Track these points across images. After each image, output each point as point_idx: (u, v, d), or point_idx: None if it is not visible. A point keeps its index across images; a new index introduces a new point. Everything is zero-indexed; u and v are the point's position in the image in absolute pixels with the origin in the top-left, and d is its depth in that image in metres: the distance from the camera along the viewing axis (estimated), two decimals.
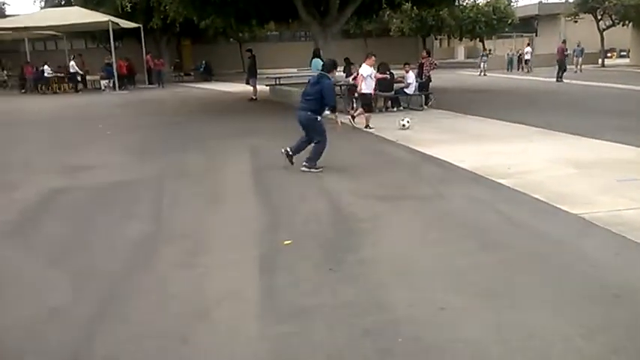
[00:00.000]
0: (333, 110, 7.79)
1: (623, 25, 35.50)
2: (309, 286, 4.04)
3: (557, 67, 24.03)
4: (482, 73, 30.22)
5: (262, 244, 4.93)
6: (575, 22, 37.50)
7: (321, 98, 7.56)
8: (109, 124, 13.78)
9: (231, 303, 3.84)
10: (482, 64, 31.25)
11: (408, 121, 11.04)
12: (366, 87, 11.41)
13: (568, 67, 25.41)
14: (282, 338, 3.32)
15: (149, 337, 3.41)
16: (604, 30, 36.14)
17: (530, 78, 27.80)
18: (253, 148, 9.73)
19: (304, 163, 7.59)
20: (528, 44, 35.33)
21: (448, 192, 6.42)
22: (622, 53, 44.48)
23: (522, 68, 33.42)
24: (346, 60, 16.76)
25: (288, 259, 4.54)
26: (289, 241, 4.89)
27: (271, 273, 4.28)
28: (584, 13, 36.09)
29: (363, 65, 11.47)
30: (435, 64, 15.96)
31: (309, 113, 7.61)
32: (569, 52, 25.78)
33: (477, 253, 4.52)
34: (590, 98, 17.62)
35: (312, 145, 7.69)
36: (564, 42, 25.45)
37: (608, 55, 41.93)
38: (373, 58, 11.35)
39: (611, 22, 35.79)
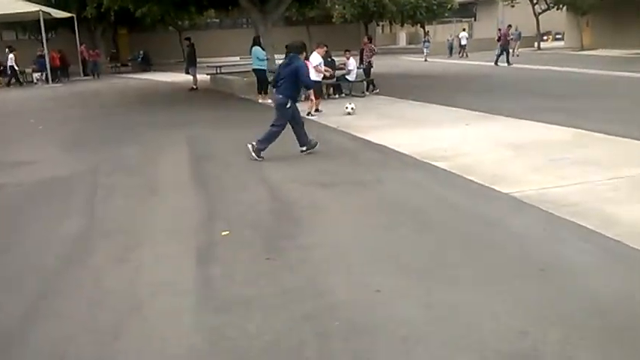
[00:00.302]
0: (309, 88, 7.75)
1: (557, 9, 36.71)
2: (247, 275, 4.02)
3: (499, 50, 24.52)
4: (425, 59, 30.70)
5: (199, 236, 4.86)
6: (512, 6, 38.51)
7: (295, 80, 7.52)
8: (42, 118, 13.23)
9: (166, 296, 3.78)
10: (424, 49, 31.75)
11: (352, 107, 11.15)
12: (315, 75, 11.45)
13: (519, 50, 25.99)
14: (219, 329, 3.29)
15: (83, 334, 3.32)
16: (539, 14, 37.29)
17: (470, 62, 28.45)
18: (192, 138, 9.58)
19: (253, 142, 7.52)
20: (464, 29, 36.01)
21: (387, 176, 6.50)
22: (557, 36, 46.07)
23: (460, 53, 34.03)
24: (287, 47, 16.68)
25: (225, 250, 4.50)
26: (227, 232, 4.85)
27: (208, 264, 4.23)
28: None
29: (314, 54, 11.54)
30: (374, 51, 16.05)
31: (280, 97, 7.59)
32: (512, 36, 26.27)
33: (413, 235, 4.61)
34: (527, 81, 18.19)
35: (269, 126, 7.65)
36: (509, 27, 25.94)
37: (544, 38, 43.34)
38: (325, 48, 11.43)
39: (546, 6, 36.96)
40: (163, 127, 10.98)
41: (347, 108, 11.16)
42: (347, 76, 14.50)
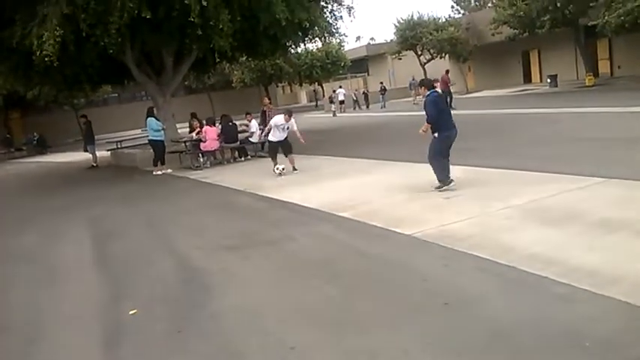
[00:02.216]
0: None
1: (440, 58, 39.40)
2: (158, 353, 3.90)
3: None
4: (334, 114, 31.53)
5: (106, 319, 4.67)
6: (400, 59, 41.01)
7: None
8: None
9: None
10: (333, 105, 32.77)
11: (283, 168, 10.88)
12: (274, 136, 11.11)
13: (404, 100, 27.04)
14: None
15: None
16: (425, 64, 39.83)
17: (372, 114, 29.63)
18: (94, 218, 9.24)
19: (437, 188, 7.59)
20: (340, 86, 37.20)
21: (296, 232, 6.57)
22: None
23: (341, 109, 34.06)
24: (192, 115, 16.52)
25: (134, 330, 4.34)
26: (135, 310, 4.68)
27: (117, 347, 4.07)
28: (406, 50, 39.63)
29: (278, 116, 11.32)
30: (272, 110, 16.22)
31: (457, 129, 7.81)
32: (452, 82, 26.64)
33: (323, 287, 4.68)
34: (420, 125, 19.16)
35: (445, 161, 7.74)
36: (447, 71, 26.92)
37: (434, 85, 46.03)
38: (287, 116, 11.09)
39: (430, 56, 39.59)
40: (63, 210, 10.52)
41: (277, 170, 10.86)
42: (250, 139, 14.66)
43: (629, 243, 4.73)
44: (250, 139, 14.65)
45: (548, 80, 29.57)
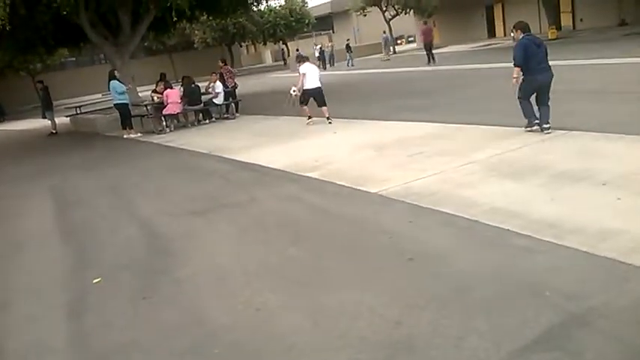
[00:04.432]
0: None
1: (405, 13, 39.03)
2: (123, 320, 3.84)
3: (425, 50, 24.65)
4: None
5: (70, 288, 4.58)
6: (365, 15, 40.48)
7: None
8: None
9: (37, 358, 3.52)
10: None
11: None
12: (308, 83, 11.13)
13: (376, 56, 26.69)
14: None
15: None
16: (390, 20, 39.42)
17: (340, 72, 29.32)
18: (55, 186, 9.00)
19: (545, 127, 7.27)
20: (315, 44, 37.22)
21: (261, 194, 6.52)
22: (410, 39, 48.94)
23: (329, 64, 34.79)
24: (162, 76, 15.70)
25: (98, 298, 4.27)
26: (99, 279, 4.61)
27: (81, 317, 4.00)
28: (371, 6, 39.09)
29: (306, 64, 11.39)
30: (233, 72, 15.85)
31: (550, 73, 7.44)
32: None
33: (290, 248, 4.67)
34: (391, 82, 19.12)
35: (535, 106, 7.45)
36: (425, 23, 26.68)
37: (398, 42, 45.84)
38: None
39: (395, 12, 39.16)
40: (23, 179, 10.22)
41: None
42: (214, 100, 14.34)
43: (590, 194, 4.83)
44: (214, 100, 14.33)
45: (512, 34, 29.60)
